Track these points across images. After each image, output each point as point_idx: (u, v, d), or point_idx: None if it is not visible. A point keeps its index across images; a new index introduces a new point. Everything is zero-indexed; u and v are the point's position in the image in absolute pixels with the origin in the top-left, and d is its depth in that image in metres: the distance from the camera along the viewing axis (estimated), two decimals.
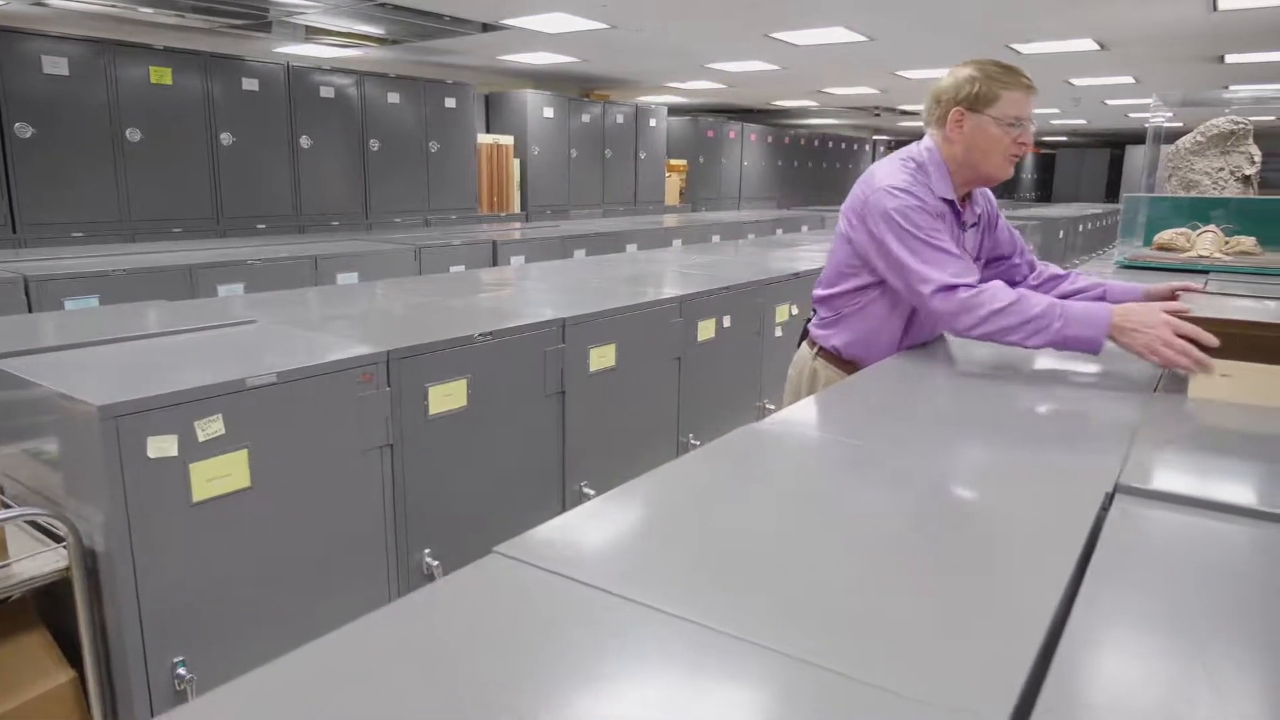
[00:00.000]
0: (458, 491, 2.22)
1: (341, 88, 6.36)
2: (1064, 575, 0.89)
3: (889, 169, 1.94)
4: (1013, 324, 1.72)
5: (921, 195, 1.87)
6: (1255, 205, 4.21)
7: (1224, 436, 1.42)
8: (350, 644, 0.77)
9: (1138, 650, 0.78)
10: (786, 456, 1.31)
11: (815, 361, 2.16)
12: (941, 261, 1.82)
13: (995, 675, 0.72)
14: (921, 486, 1.19)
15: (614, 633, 0.78)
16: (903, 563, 0.94)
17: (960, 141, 1.90)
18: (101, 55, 5.06)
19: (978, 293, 1.76)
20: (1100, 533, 1.01)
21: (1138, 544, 0.99)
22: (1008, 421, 1.53)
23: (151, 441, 1.60)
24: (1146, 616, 0.83)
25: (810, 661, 0.73)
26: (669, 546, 0.97)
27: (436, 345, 2.11)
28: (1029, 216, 9.13)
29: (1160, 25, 5.66)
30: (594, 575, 0.88)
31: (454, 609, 0.84)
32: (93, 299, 3.39)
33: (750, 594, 0.85)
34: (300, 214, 6.18)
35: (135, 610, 1.62)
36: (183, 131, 5.47)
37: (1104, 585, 0.88)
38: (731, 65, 7.82)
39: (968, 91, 1.88)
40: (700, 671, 0.72)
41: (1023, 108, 1.87)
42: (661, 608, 0.81)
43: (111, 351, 1.96)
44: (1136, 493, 1.12)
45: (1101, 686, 0.72)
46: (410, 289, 3.09)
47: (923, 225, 1.84)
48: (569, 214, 8.50)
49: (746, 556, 0.94)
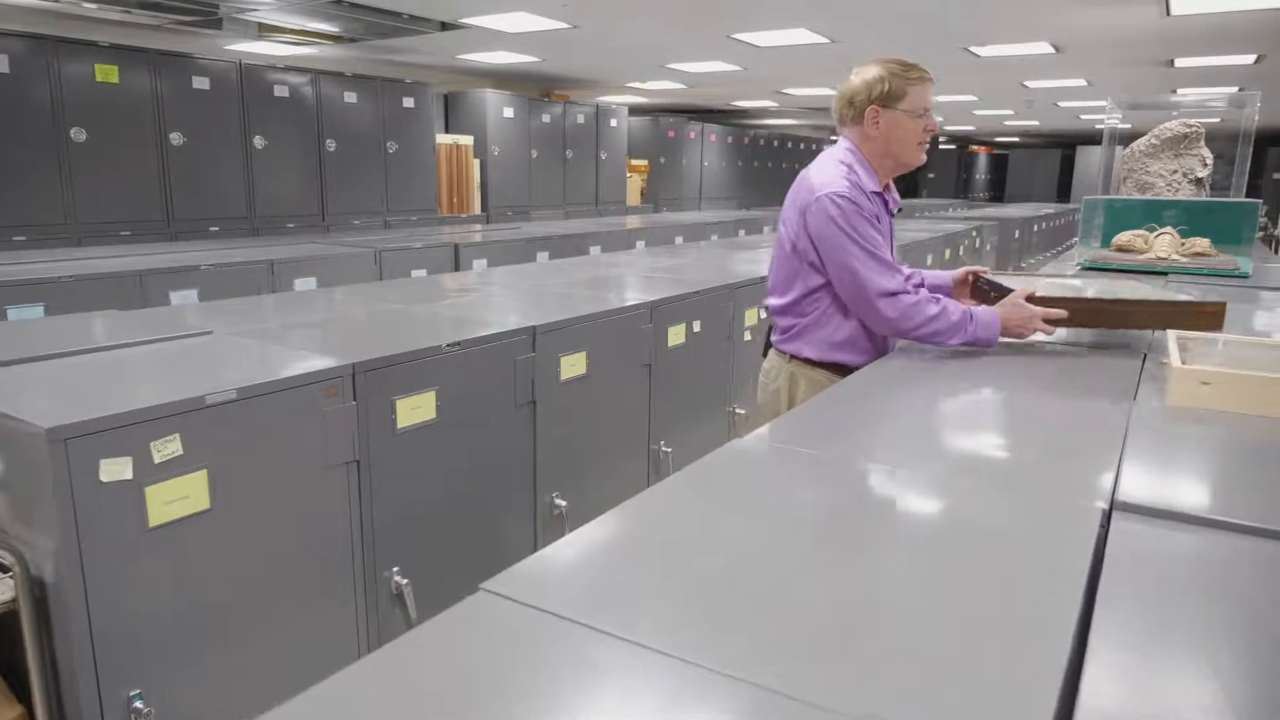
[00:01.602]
0: (427, 507, 2.15)
1: (296, 87, 6.21)
2: (1075, 600, 0.87)
3: (826, 173, 2.04)
4: (942, 328, 1.99)
5: (859, 200, 2.00)
6: (1208, 207, 4.30)
7: (1208, 447, 1.41)
8: (338, 695, 0.71)
9: (1161, 673, 0.76)
10: (771, 477, 1.27)
11: (791, 365, 2.16)
12: (883, 270, 2.00)
13: (1022, 707, 0.69)
14: (912, 505, 1.16)
15: (609, 674, 0.74)
16: (903, 589, 0.91)
17: (879, 136, 2.05)
18: (44, 52, 4.87)
19: (916, 301, 2.00)
20: (1104, 554, 0.99)
21: (1142, 564, 0.97)
22: (994, 434, 1.52)
23: (104, 465, 1.51)
24: (1164, 639, 0.81)
25: (817, 705, 0.69)
26: (662, 579, 0.93)
27: (403, 356, 2.04)
28: (985, 216, 9.26)
29: (1114, 29, 5.76)
30: (589, 614, 0.83)
31: (443, 654, 0.78)
32: (38, 308, 3.24)
33: (753, 630, 0.81)
34: (254, 216, 6.02)
35: (88, 641, 1.53)
36: (131, 131, 5.29)
37: (1117, 609, 0.86)
38: (692, 65, 7.81)
39: (880, 90, 2.02)
40: (703, 715, 0.68)
41: (927, 98, 2.05)
42: (660, 648, 0.77)
43: (59, 367, 1.86)
44: (1134, 510, 1.11)
45: (1129, 710, 0.69)
46: (373, 295, 3.01)
47: (864, 232, 2.00)
48: (530, 215, 8.42)
49: (742, 588, 0.90)
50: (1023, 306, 2.01)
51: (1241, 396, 1.58)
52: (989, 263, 8.28)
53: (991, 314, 2.02)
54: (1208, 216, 4.33)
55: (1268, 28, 5.66)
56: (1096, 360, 1.97)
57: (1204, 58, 6.84)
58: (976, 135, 18.23)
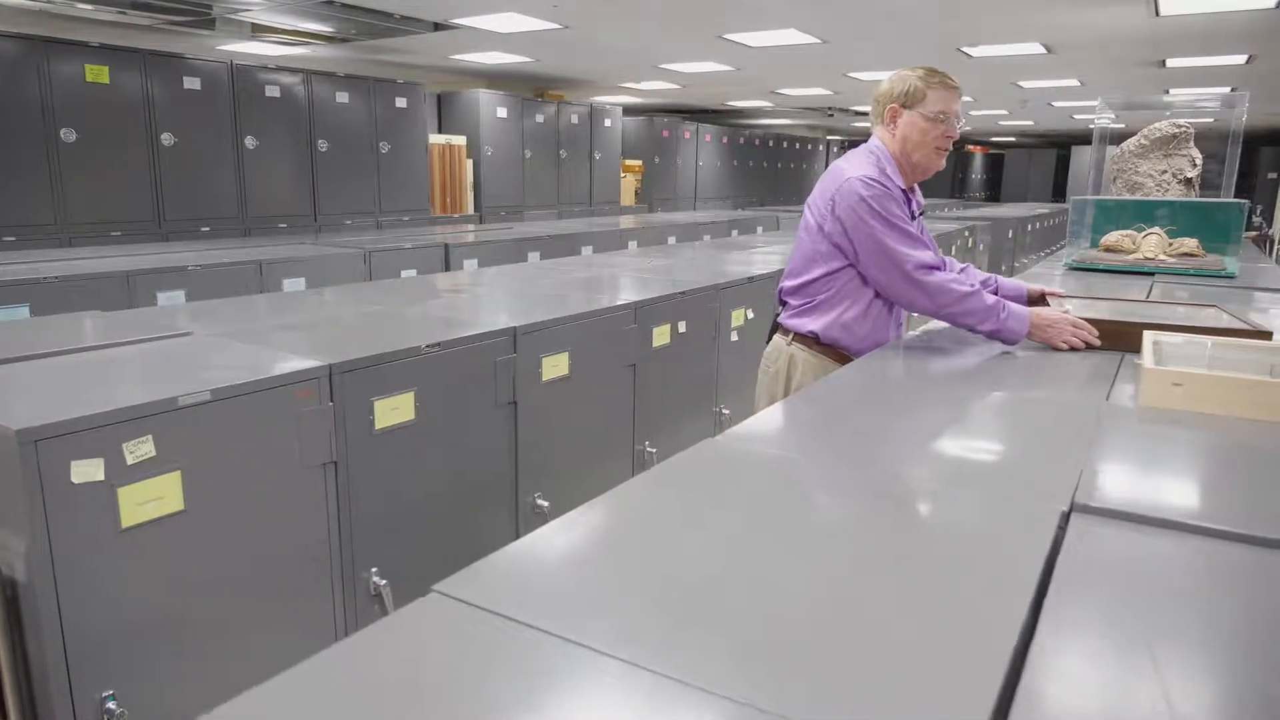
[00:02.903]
0: (406, 507, 2.15)
1: (288, 87, 6.21)
2: (1023, 602, 0.87)
3: (857, 161, 2.12)
4: (975, 309, 2.02)
5: (889, 185, 2.06)
6: (1197, 207, 4.31)
7: (1174, 449, 1.42)
8: (272, 699, 0.72)
9: (1101, 670, 0.76)
10: (743, 475, 1.27)
11: (791, 348, 2.19)
12: (917, 245, 2.06)
13: (962, 701, 0.69)
14: (873, 506, 1.17)
15: (560, 681, 0.74)
16: (862, 590, 0.91)
17: (897, 135, 2.14)
18: (34, 53, 4.87)
19: (951, 278, 2.04)
20: (1058, 554, 0.99)
21: (1095, 566, 0.97)
22: (966, 432, 1.52)
23: (75, 466, 1.51)
24: (1109, 637, 0.82)
25: (766, 710, 0.70)
26: (619, 582, 0.93)
27: (382, 358, 2.04)
28: (979, 216, 9.27)
29: (1104, 29, 5.77)
30: (540, 617, 0.83)
31: (390, 656, 0.79)
32: (23, 308, 3.24)
33: (705, 634, 0.81)
34: (246, 216, 6.02)
35: (59, 642, 1.53)
36: (121, 132, 5.29)
37: (1063, 611, 0.86)
38: (685, 66, 7.81)
39: (900, 90, 2.12)
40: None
41: (947, 104, 2.10)
42: (610, 652, 0.77)
43: (34, 368, 1.86)
44: (1091, 511, 1.11)
45: (1066, 709, 0.69)
46: (359, 296, 3.01)
47: (896, 212, 2.05)
48: (523, 215, 8.42)
49: (700, 592, 0.90)
50: (1055, 313, 2.07)
51: (1212, 398, 1.59)
52: (981, 263, 8.29)
53: (1024, 311, 2.06)
54: (1197, 216, 4.34)
55: (1257, 28, 5.67)
56: (1077, 360, 1.98)
57: (1195, 58, 6.85)
58: (972, 135, 18.24)
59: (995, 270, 7.24)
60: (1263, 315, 2.61)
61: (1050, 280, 3.19)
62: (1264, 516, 1.12)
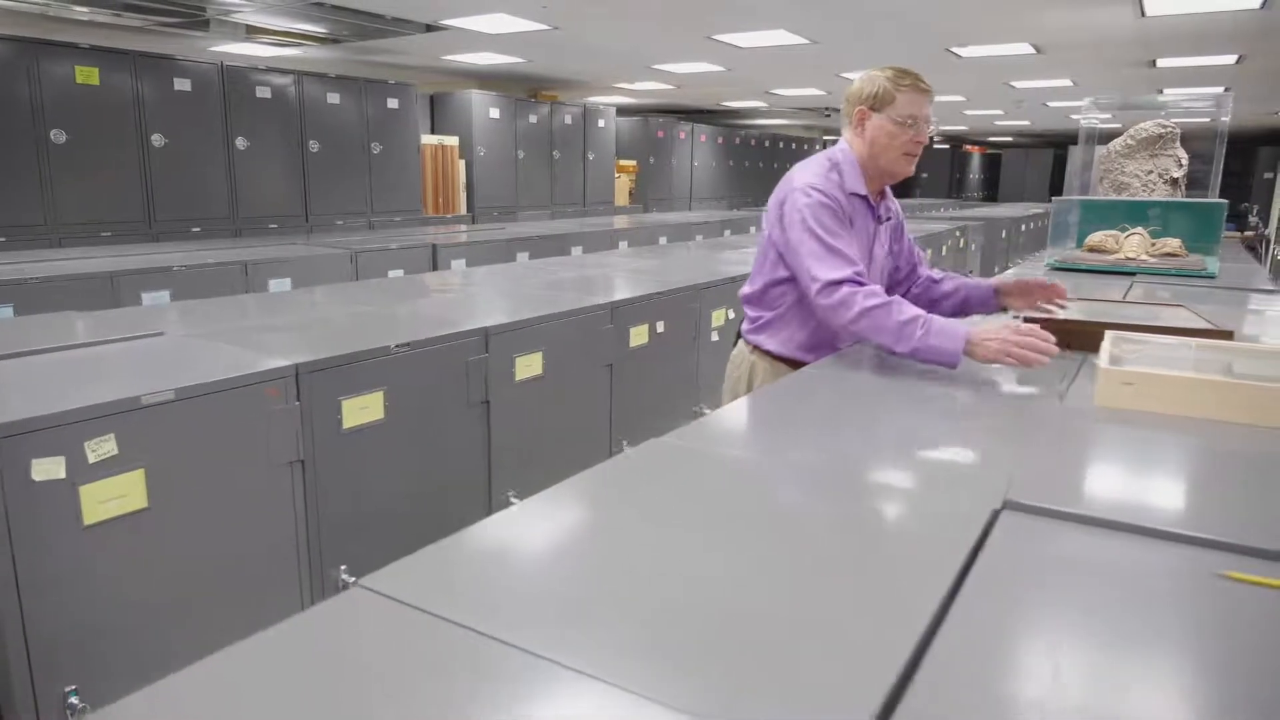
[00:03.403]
0: (377, 505, 2.17)
1: (279, 87, 6.23)
2: (938, 595, 0.89)
3: (806, 169, 2.06)
4: (882, 324, 1.83)
5: (831, 193, 1.99)
6: (1180, 207, 4.33)
7: (1117, 448, 1.43)
8: (179, 692, 0.73)
9: (1000, 660, 0.78)
10: (678, 476, 1.29)
11: (753, 356, 2.18)
12: (832, 261, 1.92)
13: (859, 689, 0.71)
14: (810, 502, 1.18)
15: (465, 673, 0.76)
16: (777, 584, 0.93)
17: (864, 138, 2.04)
18: (24, 54, 4.89)
19: (854, 291, 1.87)
20: (982, 548, 1.01)
21: (1017, 559, 0.99)
22: (915, 432, 1.54)
23: (36, 464, 1.53)
24: (1014, 629, 0.83)
25: (656, 700, 0.71)
26: (537, 578, 0.95)
27: (349, 357, 2.06)
28: (971, 216, 9.29)
29: (1092, 30, 5.78)
30: (455, 610, 0.85)
31: (305, 649, 0.81)
32: (7, 309, 3.26)
33: (615, 629, 0.83)
34: (237, 217, 6.04)
35: (21, 638, 1.55)
36: (111, 133, 5.31)
37: (977, 604, 0.88)
38: (677, 66, 7.83)
39: (869, 92, 2.02)
40: (555, 712, 0.70)
41: (918, 108, 2.00)
42: (517, 644, 0.79)
43: (1, 369, 1.88)
44: (1023, 508, 1.13)
45: (963, 694, 0.71)
46: (340, 296, 3.03)
47: (827, 225, 1.95)
48: (516, 216, 8.44)
49: (618, 589, 0.92)
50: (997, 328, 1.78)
51: (1162, 397, 1.60)
52: (974, 264, 8.30)
53: (956, 326, 1.81)
54: (1181, 217, 4.36)
55: (1245, 29, 5.68)
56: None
57: (1185, 58, 6.86)
58: (970, 135, 18.25)
59: (988, 272, 7.23)
60: (1232, 315, 2.63)
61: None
62: (1194, 516, 1.13)
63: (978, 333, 1.77)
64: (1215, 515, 1.13)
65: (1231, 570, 0.96)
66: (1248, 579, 0.95)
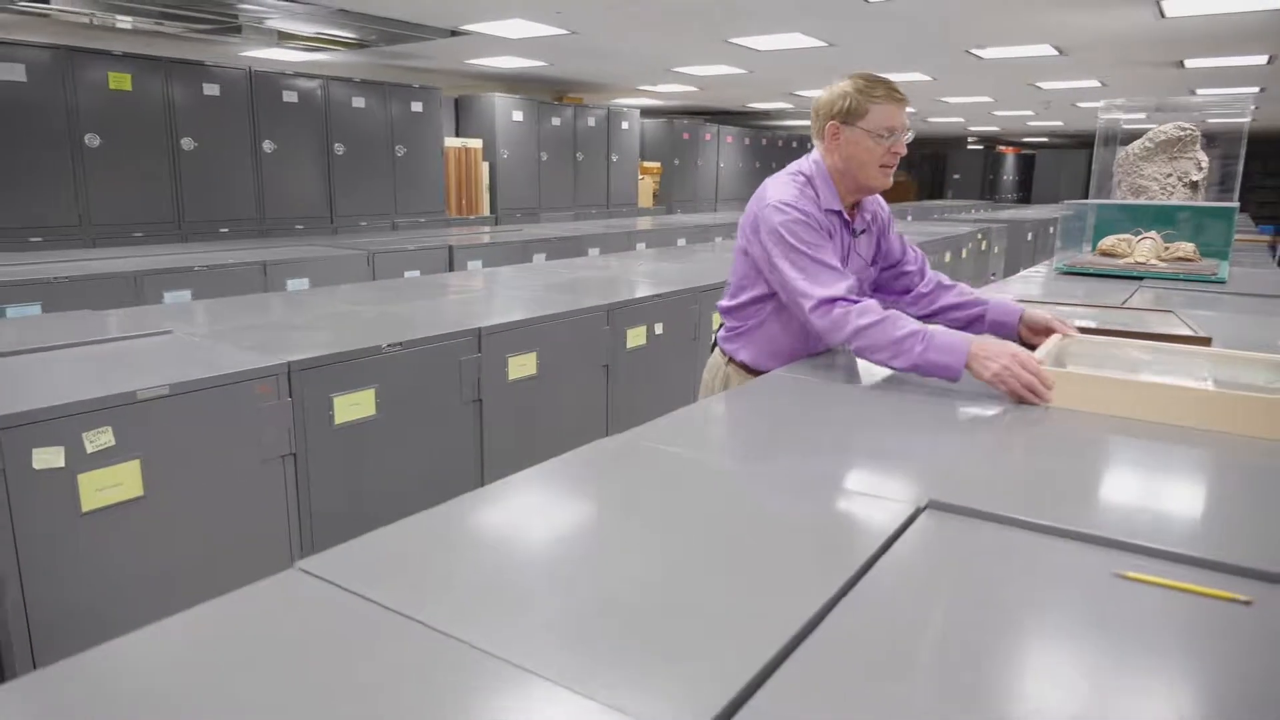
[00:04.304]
0: (368, 499, 2.26)
1: (305, 91, 6.39)
2: (832, 588, 0.94)
3: (779, 184, 2.00)
4: (878, 342, 1.78)
5: (807, 209, 1.93)
6: (1194, 211, 4.29)
7: (1061, 450, 1.46)
8: (111, 660, 0.81)
9: (874, 655, 0.82)
10: (624, 474, 1.35)
11: (728, 367, 2.21)
12: (822, 277, 1.88)
13: (709, 686, 0.76)
14: (739, 501, 1.23)
15: (392, 657, 0.82)
16: (685, 579, 0.98)
17: (837, 153, 1.96)
18: (60, 62, 5.08)
19: (847, 310, 1.82)
20: (892, 545, 1.06)
21: (924, 556, 1.04)
22: (859, 432, 1.57)
23: (37, 453, 1.64)
24: (895, 626, 0.88)
25: (548, 679, 0.77)
26: (469, 566, 1.01)
27: (341, 356, 2.15)
28: (997, 219, 9.21)
29: (1113, 32, 5.73)
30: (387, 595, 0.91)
31: (236, 627, 0.88)
32: (35, 306, 3.42)
33: (520, 616, 0.88)
34: (264, 218, 6.21)
35: (23, 615, 1.66)
36: (143, 137, 5.49)
37: (866, 599, 0.93)
38: (698, 69, 7.87)
39: (840, 106, 1.93)
40: (468, 694, 0.77)
41: (893, 119, 1.92)
42: (447, 631, 0.84)
43: (14, 363, 2.00)
44: (944, 507, 1.17)
45: (814, 694, 0.76)
46: (348, 296, 3.13)
47: (808, 240, 1.90)
48: (539, 217, 8.54)
49: (528, 581, 0.97)
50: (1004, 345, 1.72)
51: (1085, 396, 1.63)
52: (997, 266, 8.24)
53: (957, 340, 1.74)
54: (1195, 220, 4.32)
55: (1273, 29, 5.58)
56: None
57: (1213, 59, 6.75)
58: (1002, 136, 18.04)
59: (1011, 273, 7.17)
60: (1227, 321, 2.62)
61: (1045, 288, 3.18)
62: (1106, 517, 1.17)
63: (981, 350, 1.71)
64: (1116, 516, 1.17)
65: (1129, 570, 1.00)
66: (1145, 579, 0.98)
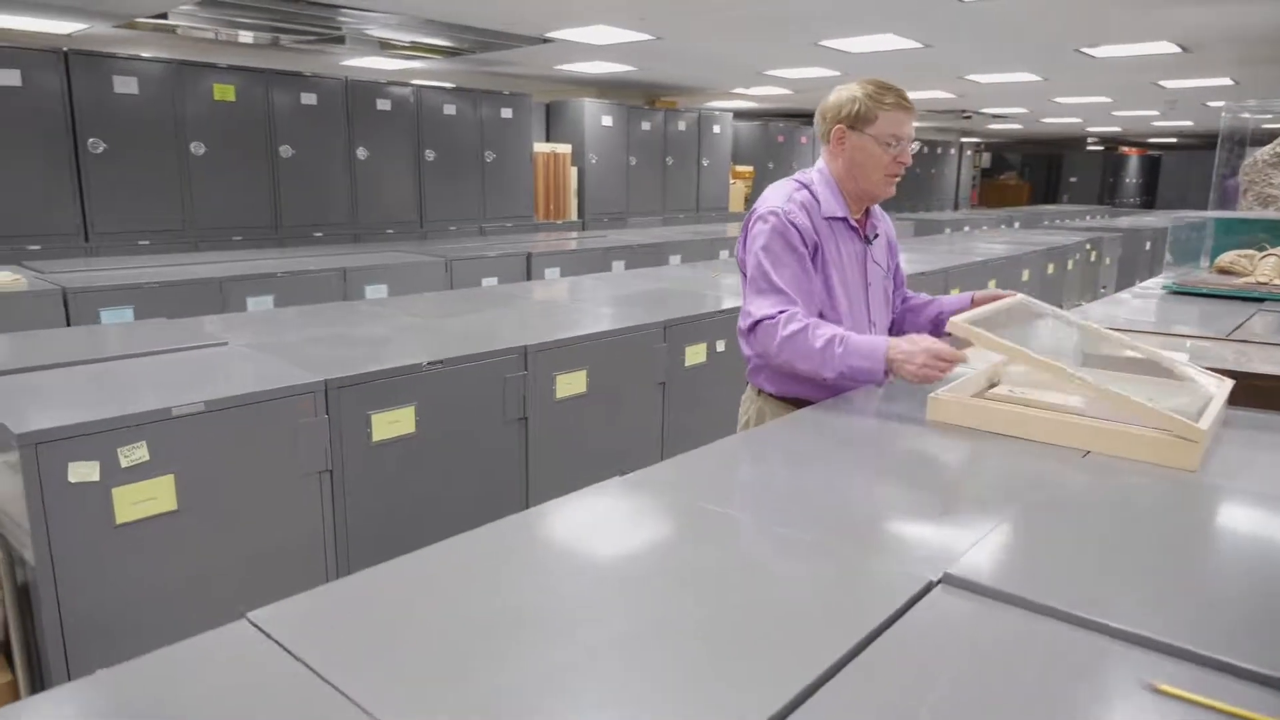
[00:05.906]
0: (407, 516, 2.25)
1: (399, 99, 6.55)
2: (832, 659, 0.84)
3: (775, 192, 1.97)
4: (803, 351, 1.78)
5: (797, 219, 1.88)
6: None
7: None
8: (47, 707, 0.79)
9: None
10: (617, 521, 1.27)
11: (760, 400, 2.10)
12: (764, 293, 1.85)
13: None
14: (745, 560, 1.14)
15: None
16: (685, 633, 0.89)
17: (842, 157, 1.93)
18: (169, 75, 5.36)
19: (774, 322, 1.81)
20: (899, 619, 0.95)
21: (932, 634, 0.92)
22: (875, 490, 1.45)
23: (72, 467, 1.68)
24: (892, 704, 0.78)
25: None
26: (411, 634, 0.93)
27: (379, 374, 2.15)
28: (1112, 227, 8.65)
29: (1241, 27, 5.27)
30: (324, 661, 0.86)
31: (183, 681, 0.85)
32: (127, 311, 3.59)
33: (465, 689, 0.82)
34: (357, 223, 6.40)
35: (57, 622, 1.71)
36: (244, 145, 5.74)
37: (874, 670, 0.83)
38: (789, 72, 7.70)
39: (848, 111, 1.89)
40: None
41: (901, 127, 1.88)
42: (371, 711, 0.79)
43: (64, 375, 2.06)
44: (960, 584, 1.05)
45: None
46: (410, 307, 3.15)
47: (777, 253, 1.85)
48: (627, 222, 8.52)
49: (497, 649, 0.89)
50: (916, 342, 1.73)
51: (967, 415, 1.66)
52: (1108, 279, 7.73)
53: (875, 344, 1.75)
54: None
55: None
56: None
57: None
58: (1125, 136, 16.99)
59: (1123, 287, 6.72)
60: None
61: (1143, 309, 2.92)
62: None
63: (898, 354, 1.72)
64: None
65: (1164, 684, 0.86)
66: (1183, 695, 0.84)
